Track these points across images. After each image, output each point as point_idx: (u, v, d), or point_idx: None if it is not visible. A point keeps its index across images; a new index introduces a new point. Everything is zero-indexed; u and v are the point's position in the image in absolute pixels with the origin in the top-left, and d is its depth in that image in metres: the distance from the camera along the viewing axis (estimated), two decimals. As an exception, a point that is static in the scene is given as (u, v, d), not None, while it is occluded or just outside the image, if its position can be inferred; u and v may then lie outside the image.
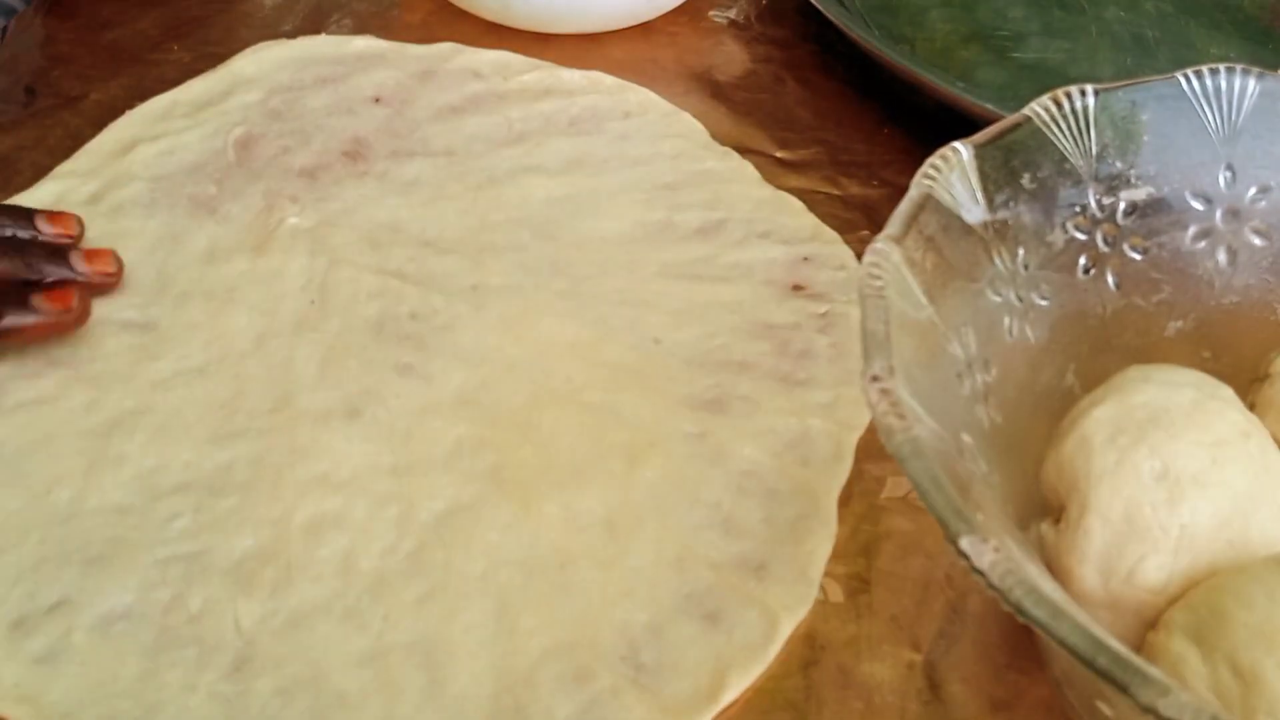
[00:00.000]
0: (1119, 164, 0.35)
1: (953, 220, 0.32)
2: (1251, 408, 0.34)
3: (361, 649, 0.35)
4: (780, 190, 0.50)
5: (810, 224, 0.48)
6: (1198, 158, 0.36)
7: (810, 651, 0.35)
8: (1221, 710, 0.23)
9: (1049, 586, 0.26)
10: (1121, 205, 0.35)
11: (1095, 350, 0.36)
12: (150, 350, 0.42)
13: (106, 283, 0.43)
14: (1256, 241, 0.36)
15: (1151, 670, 0.22)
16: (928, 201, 0.32)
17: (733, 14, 0.60)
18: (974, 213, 0.33)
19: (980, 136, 0.34)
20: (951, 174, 0.32)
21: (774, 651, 0.35)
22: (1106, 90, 0.35)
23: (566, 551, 0.37)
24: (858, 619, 0.36)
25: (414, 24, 0.58)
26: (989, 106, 0.47)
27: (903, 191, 0.32)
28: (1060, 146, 0.34)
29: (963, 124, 0.42)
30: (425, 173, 0.49)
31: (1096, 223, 0.35)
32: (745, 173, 0.50)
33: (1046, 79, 0.54)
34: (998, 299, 0.33)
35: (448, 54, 0.55)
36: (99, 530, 0.37)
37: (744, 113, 0.54)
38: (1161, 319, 0.37)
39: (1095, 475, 0.31)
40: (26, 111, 0.52)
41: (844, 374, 0.42)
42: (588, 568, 0.37)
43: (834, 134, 0.54)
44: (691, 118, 0.53)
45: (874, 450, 0.40)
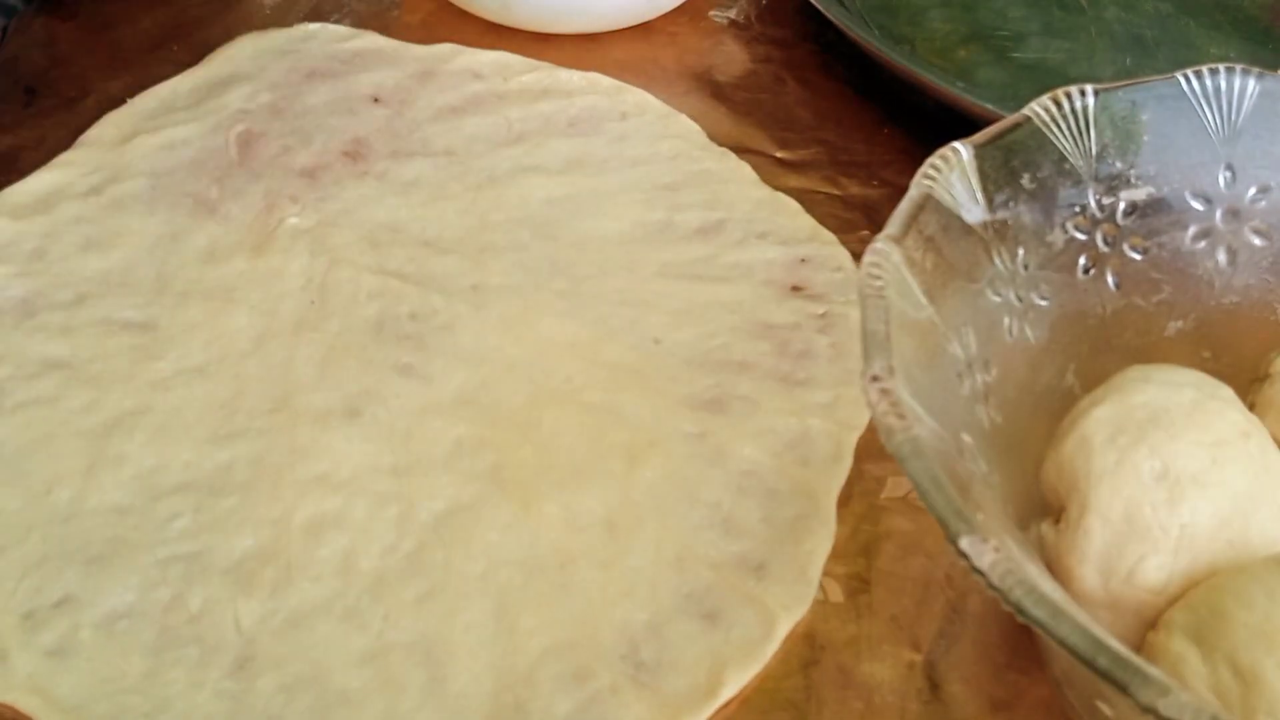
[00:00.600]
0: (1119, 164, 0.35)
1: (953, 220, 0.32)
2: (1251, 408, 0.34)
3: (362, 648, 0.35)
4: (778, 191, 0.49)
5: (808, 225, 0.48)
6: (1198, 158, 0.36)
7: (810, 651, 0.36)
8: (1221, 710, 0.23)
9: (1049, 586, 0.26)
10: (1121, 205, 0.35)
11: (1095, 350, 0.36)
12: (150, 350, 0.42)
13: None
14: (1256, 241, 0.36)
15: (1151, 670, 0.22)
16: (928, 201, 0.32)
17: (733, 14, 0.60)
18: (974, 213, 0.33)
19: (980, 136, 0.34)
20: (951, 174, 0.32)
21: (772, 650, 0.35)
22: (1106, 90, 0.35)
23: (566, 551, 0.37)
24: (858, 619, 0.36)
25: (414, 24, 0.58)
26: (989, 106, 0.47)
27: (903, 191, 0.32)
28: (1060, 146, 0.34)
29: (963, 124, 0.42)
30: (425, 173, 0.49)
31: (1096, 223, 0.35)
32: (743, 173, 0.50)
33: (1046, 79, 0.53)
34: (998, 299, 0.33)
35: (447, 54, 0.55)
36: (99, 530, 0.37)
37: (744, 113, 0.54)
38: (1161, 319, 0.37)
39: (1095, 475, 0.31)
40: (26, 111, 0.52)
41: (844, 374, 0.42)
42: (588, 567, 0.37)
43: (834, 134, 0.54)
44: (688, 119, 0.53)
45: (874, 450, 0.40)
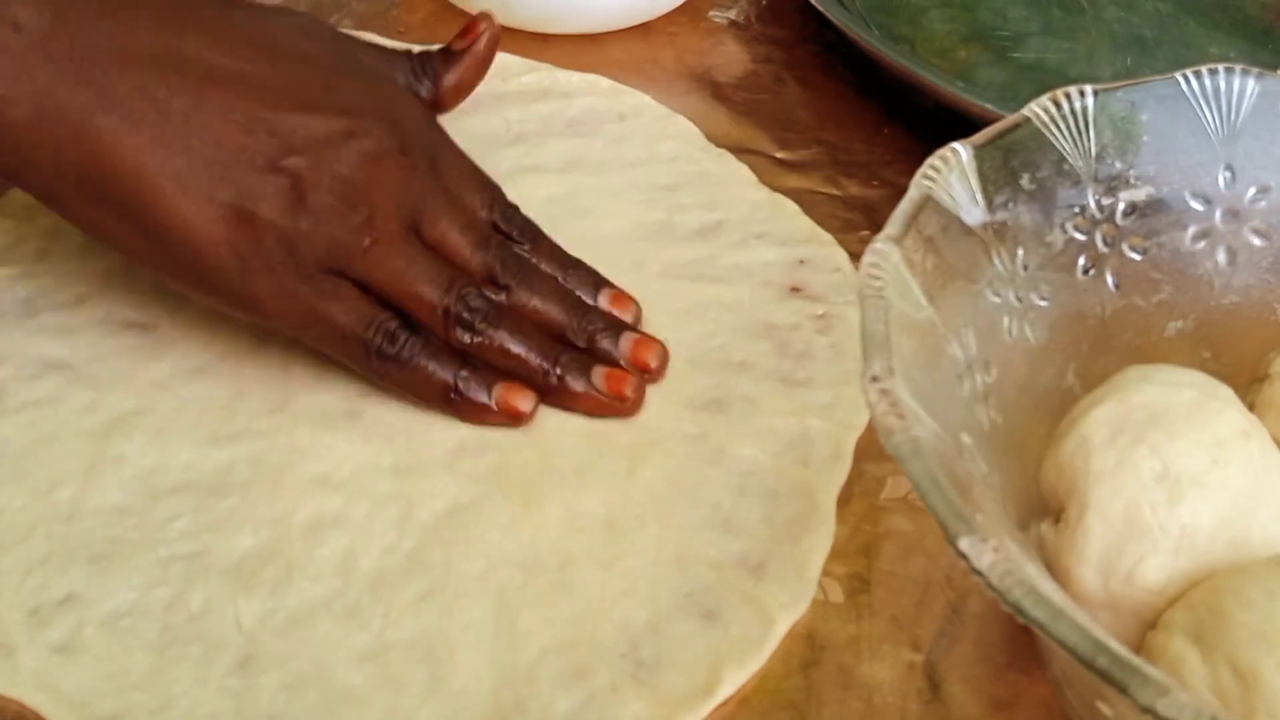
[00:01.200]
0: (1118, 164, 0.35)
1: (952, 221, 0.32)
2: (1251, 408, 0.34)
3: (362, 646, 0.35)
4: (777, 192, 0.50)
5: (806, 226, 0.48)
6: (1197, 158, 0.36)
7: (810, 651, 0.36)
8: (1221, 710, 0.23)
9: (1049, 587, 0.26)
10: (1121, 205, 0.35)
11: (1095, 350, 0.36)
12: (150, 350, 0.42)
13: (646, 372, 0.41)
14: (1256, 241, 0.36)
15: (1151, 670, 0.22)
16: (927, 202, 0.32)
17: (733, 14, 0.60)
18: (973, 213, 0.33)
19: (980, 137, 0.34)
20: (951, 174, 0.32)
21: (770, 649, 0.35)
22: (1106, 90, 0.35)
23: (566, 551, 0.37)
24: (858, 619, 0.36)
25: (414, 24, 0.58)
26: (989, 106, 0.47)
27: (903, 191, 0.32)
28: (1059, 147, 0.34)
29: (962, 124, 0.42)
30: (425, 173, 0.49)
31: (1096, 223, 0.35)
32: (741, 174, 0.50)
33: (1046, 79, 0.53)
34: (997, 299, 0.33)
35: (447, 54, 0.55)
36: (100, 530, 0.37)
37: (744, 113, 0.54)
38: (1161, 319, 0.37)
39: (1095, 475, 0.31)
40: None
41: (843, 374, 0.42)
42: (588, 567, 0.37)
43: (834, 134, 0.54)
44: (686, 120, 0.53)
45: (874, 450, 0.40)
